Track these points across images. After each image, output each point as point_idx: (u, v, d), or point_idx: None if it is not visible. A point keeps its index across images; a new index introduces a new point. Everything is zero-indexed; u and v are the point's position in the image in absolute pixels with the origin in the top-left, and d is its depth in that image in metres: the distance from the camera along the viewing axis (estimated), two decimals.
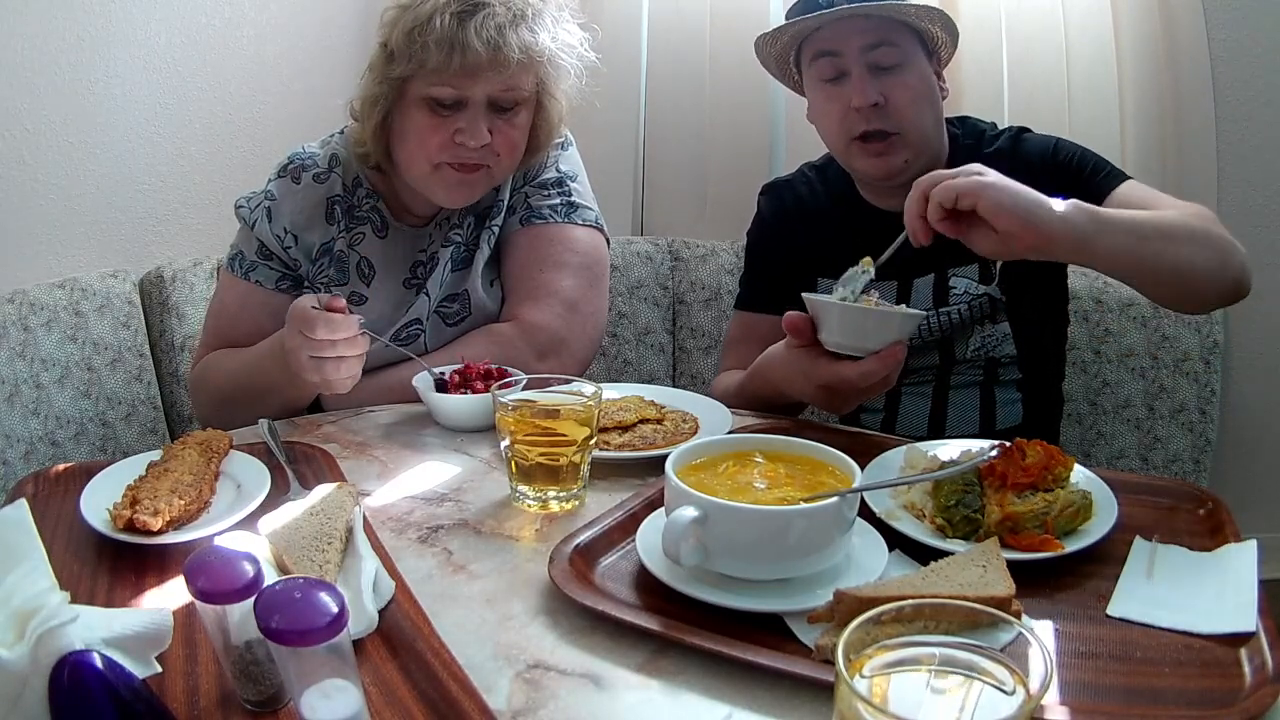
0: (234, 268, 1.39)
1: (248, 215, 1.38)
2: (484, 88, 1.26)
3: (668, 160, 2.17)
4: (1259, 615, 0.70)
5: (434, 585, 0.80)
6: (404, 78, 1.27)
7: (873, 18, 1.31)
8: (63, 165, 1.77)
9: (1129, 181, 1.31)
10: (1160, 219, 1.13)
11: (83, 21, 1.76)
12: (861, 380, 1.04)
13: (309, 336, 1.11)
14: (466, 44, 1.21)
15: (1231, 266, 1.16)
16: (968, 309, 1.39)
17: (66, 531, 0.88)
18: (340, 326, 1.11)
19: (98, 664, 0.56)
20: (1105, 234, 1.04)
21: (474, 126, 1.27)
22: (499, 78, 1.25)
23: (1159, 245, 1.08)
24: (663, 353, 2.01)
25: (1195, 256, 1.12)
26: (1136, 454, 1.82)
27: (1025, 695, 0.49)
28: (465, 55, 1.22)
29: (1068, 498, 0.85)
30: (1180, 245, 1.11)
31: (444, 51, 1.22)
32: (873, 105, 1.31)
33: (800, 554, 0.75)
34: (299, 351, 1.12)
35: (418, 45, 1.23)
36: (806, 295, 1.08)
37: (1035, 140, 1.40)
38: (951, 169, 1.03)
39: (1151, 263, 1.09)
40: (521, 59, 1.24)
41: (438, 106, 1.27)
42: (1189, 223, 1.14)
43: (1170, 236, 1.10)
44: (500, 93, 1.28)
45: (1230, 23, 1.86)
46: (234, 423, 1.16)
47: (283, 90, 2.06)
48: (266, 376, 1.25)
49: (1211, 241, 1.15)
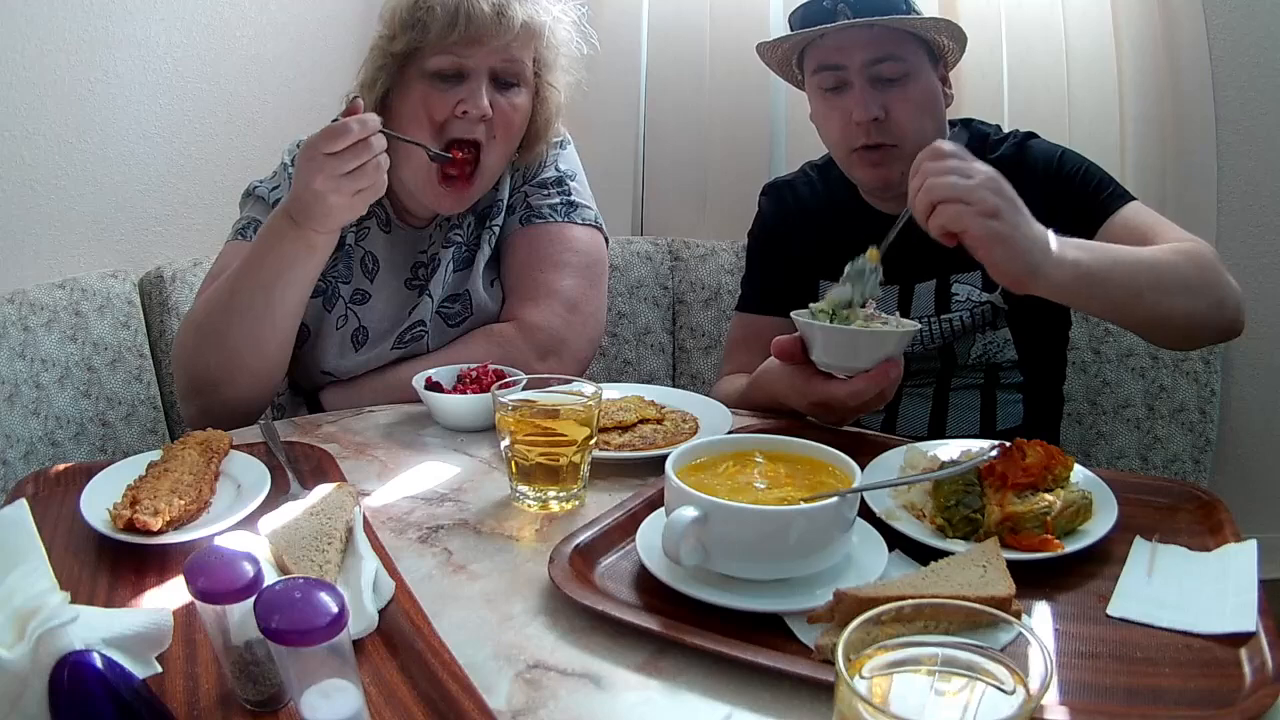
0: (245, 235, 1.35)
1: (267, 193, 1.38)
2: (486, 58, 1.27)
3: (668, 160, 2.17)
4: (1259, 615, 0.70)
5: (434, 585, 0.80)
6: (405, 54, 1.28)
7: (877, 30, 1.28)
8: (63, 165, 1.77)
9: (1133, 204, 1.29)
10: (1157, 264, 1.10)
11: (83, 21, 1.76)
12: (852, 399, 1.04)
13: (331, 149, 1.09)
14: (472, 8, 1.23)
15: (1226, 310, 1.14)
16: (970, 316, 1.38)
17: (66, 531, 0.88)
18: (369, 122, 1.11)
19: (98, 664, 0.56)
20: (1096, 288, 1.03)
21: (475, 96, 1.27)
22: (501, 43, 1.26)
23: (1152, 298, 1.07)
24: (663, 353, 2.01)
25: (1189, 306, 1.10)
26: (1136, 454, 1.82)
27: (1025, 695, 0.49)
28: (470, 20, 1.23)
29: (1068, 498, 0.85)
30: (1174, 296, 1.09)
31: (449, 15, 1.23)
32: (874, 119, 1.29)
33: (800, 554, 0.75)
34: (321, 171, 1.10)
35: (422, 11, 1.25)
36: (795, 316, 1.06)
37: (1041, 148, 1.38)
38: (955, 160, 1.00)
39: (1144, 315, 1.10)
40: (525, 21, 1.26)
41: (438, 80, 1.28)
42: (1185, 269, 1.11)
43: (1164, 287, 1.08)
44: (502, 64, 1.29)
45: (1230, 23, 1.86)
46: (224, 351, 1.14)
47: (283, 90, 2.06)
48: (274, 255, 1.19)
49: (1206, 289, 1.13)
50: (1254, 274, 1.93)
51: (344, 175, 1.11)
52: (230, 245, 1.37)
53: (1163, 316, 1.10)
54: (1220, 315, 1.14)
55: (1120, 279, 1.05)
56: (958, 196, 0.97)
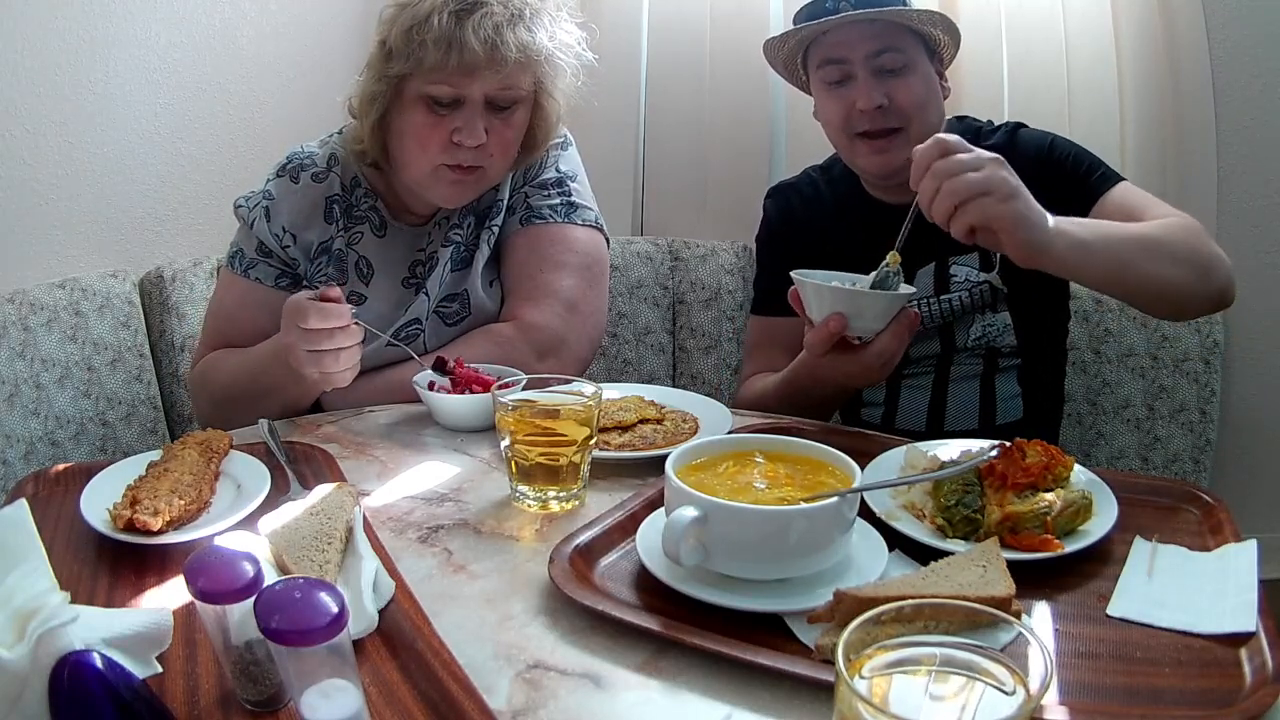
0: (234, 265, 1.39)
1: (246, 214, 1.38)
2: (481, 87, 1.26)
3: (668, 160, 2.17)
4: (1259, 615, 0.70)
5: (434, 585, 0.80)
6: (402, 76, 1.28)
7: (877, 23, 1.33)
8: (63, 165, 1.77)
9: (1123, 184, 1.33)
10: (1145, 238, 1.15)
11: (83, 22, 1.76)
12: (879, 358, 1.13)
13: (303, 327, 1.11)
14: (464, 43, 1.21)
15: (1214, 280, 1.19)
16: (969, 296, 1.41)
17: (66, 531, 0.88)
18: (333, 315, 1.12)
19: (98, 664, 0.56)
20: (1091, 257, 1.09)
21: (471, 126, 1.27)
22: (496, 77, 1.25)
23: (1141, 267, 1.12)
24: (663, 353, 2.01)
25: (1176, 274, 1.15)
26: (1136, 454, 1.82)
27: (1025, 695, 0.49)
28: (463, 54, 1.22)
29: (1068, 498, 0.85)
30: (1163, 265, 1.14)
31: (441, 50, 1.22)
32: (877, 107, 1.34)
33: (800, 554, 0.75)
34: (295, 347, 1.13)
35: (415, 43, 1.23)
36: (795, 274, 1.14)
37: (1031, 136, 1.42)
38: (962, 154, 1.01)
39: (1134, 282, 1.15)
40: (519, 58, 1.24)
41: (435, 105, 1.27)
42: (1171, 240, 1.17)
43: (1151, 257, 1.13)
44: (498, 91, 1.28)
45: (1230, 23, 1.86)
46: (235, 423, 1.15)
47: (283, 90, 2.06)
48: (268, 376, 1.25)
49: (1194, 258, 1.17)
50: (1254, 273, 1.92)
51: (313, 352, 1.13)
52: (223, 274, 1.43)
53: (1152, 284, 1.15)
54: (1208, 284, 1.19)
55: (1110, 249, 1.10)
56: (980, 190, 1.00)
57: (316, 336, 1.12)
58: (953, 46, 1.42)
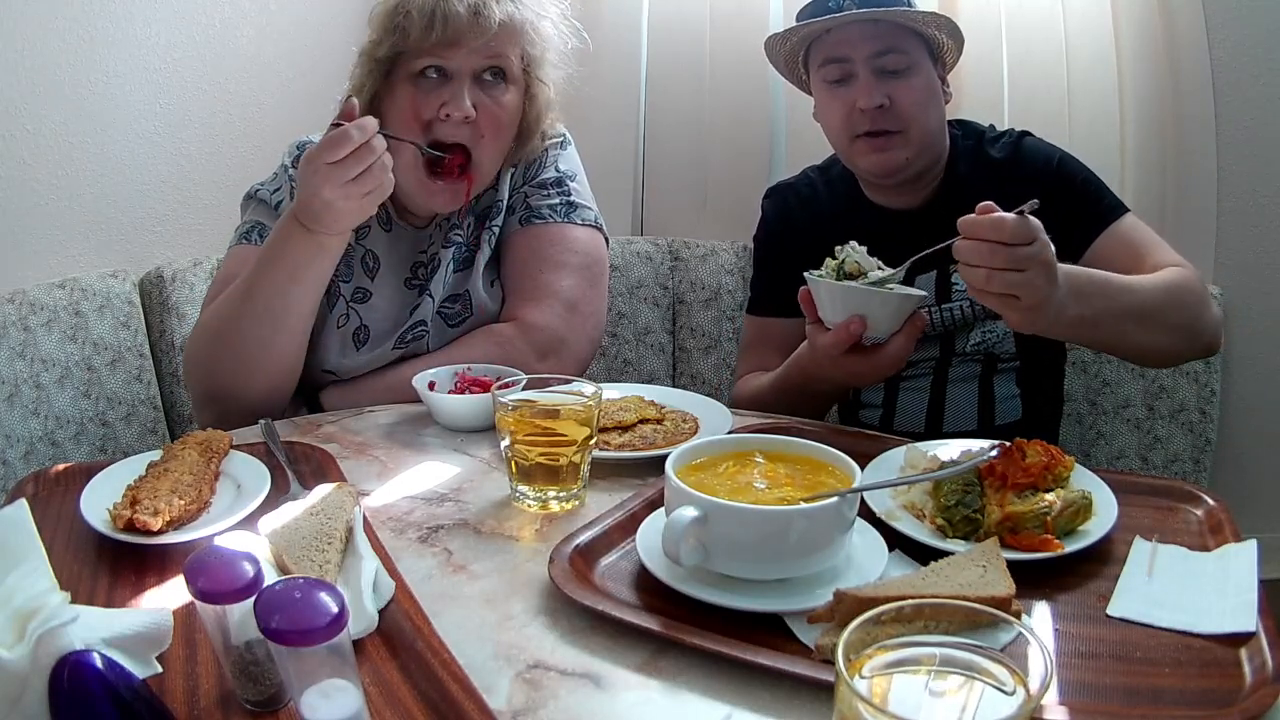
0: (249, 238, 1.36)
1: (269, 195, 1.38)
2: (468, 59, 1.28)
3: (668, 160, 2.17)
4: (1259, 615, 0.70)
5: (434, 585, 0.80)
6: (390, 59, 1.29)
7: (881, 24, 1.33)
8: (63, 165, 1.77)
9: (1129, 217, 1.35)
10: (1144, 308, 1.17)
11: (83, 21, 1.76)
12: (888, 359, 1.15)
13: (335, 158, 1.11)
14: (448, 10, 1.23)
15: (1201, 339, 1.26)
16: (970, 305, 1.40)
17: (66, 531, 0.88)
18: (368, 125, 1.12)
19: (98, 664, 0.56)
20: (1090, 332, 1.15)
21: (458, 98, 1.27)
22: (481, 43, 1.26)
23: (1135, 337, 1.18)
24: (663, 353, 2.01)
25: (1167, 341, 1.22)
26: (1136, 454, 1.82)
27: (1025, 695, 0.49)
28: (447, 23, 1.23)
29: (1068, 498, 0.85)
30: (1157, 334, 1.20)
31: (425, 19, 1.24)
32: (878, 107, 1.33)
33: (800, 554, 0.75)
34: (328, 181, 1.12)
35: (400, 16, 1.25)
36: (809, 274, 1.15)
37: (1038, 146, 1.42)
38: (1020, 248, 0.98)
39: (1127, 349, 1.25)
40: (503, 21, 1.26)
41: (423, 81, 1.28)
42: (1168, 307, 1.20)
43: (1148, 327, 1.18)
44: (485, 62, 1.29)
45: (1230, 23, 1.86)
46: (236, 372, 1.15)
47: (283, 90, 2.06)
48: (283, 259, 1.20)
49: (1187, 325, 1.23)
50: (1254, 274, 1.92)
51: (350, 181, 1.12)
52: (235, 250, 1.37)
53: (1144, 350, 1.24)
54: (1194, 345, 1.27)
55: (1109, 324, 1.14)
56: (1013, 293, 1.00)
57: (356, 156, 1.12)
58: (956, 51, 1.41)
